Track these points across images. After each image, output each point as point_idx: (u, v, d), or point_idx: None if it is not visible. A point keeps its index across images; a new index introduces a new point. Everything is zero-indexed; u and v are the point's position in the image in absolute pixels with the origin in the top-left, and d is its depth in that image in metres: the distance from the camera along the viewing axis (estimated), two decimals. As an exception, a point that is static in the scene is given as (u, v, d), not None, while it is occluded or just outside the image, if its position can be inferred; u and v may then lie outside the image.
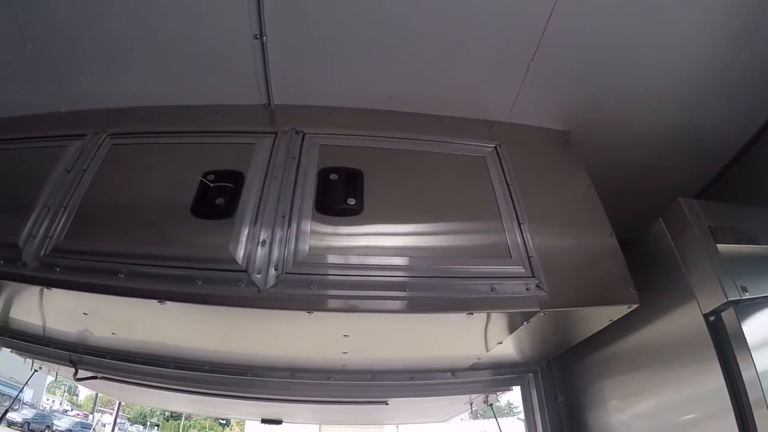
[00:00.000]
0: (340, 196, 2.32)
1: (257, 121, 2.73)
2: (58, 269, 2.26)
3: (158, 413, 43.73)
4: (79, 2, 2.59)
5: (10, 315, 3.35)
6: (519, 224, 2.39)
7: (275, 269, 2.10)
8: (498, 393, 3.47)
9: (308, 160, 2.47)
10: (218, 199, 2.28)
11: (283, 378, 2.98)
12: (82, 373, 3.29)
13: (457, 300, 2.13)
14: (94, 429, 34.46)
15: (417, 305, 2.10)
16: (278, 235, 2.19)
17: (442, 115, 2.84)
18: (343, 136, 2.63)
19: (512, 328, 2.36)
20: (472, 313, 2.11)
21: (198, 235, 2.21)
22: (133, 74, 2.83)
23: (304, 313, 2.05)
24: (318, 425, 27.49)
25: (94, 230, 2.36)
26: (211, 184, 2.32)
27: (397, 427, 21.24)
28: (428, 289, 2.13)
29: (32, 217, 2.46)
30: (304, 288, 2.07)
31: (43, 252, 2.34)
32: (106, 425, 34.97)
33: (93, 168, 2.59)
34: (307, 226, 2.21)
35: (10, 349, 3.65)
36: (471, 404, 3.68)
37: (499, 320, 2.28)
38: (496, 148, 2.71)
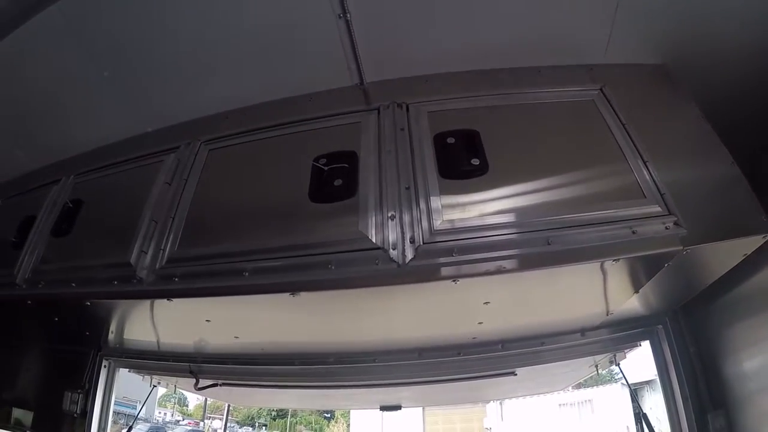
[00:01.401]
0: (462, 158, 2.19)
1: (353, 101, 2.63)
2: (176, 279, 2.23)
3: (265, 414, 44.94)
4: (146, 19, 2.60)
5: (125, 336, 3.40)
6: (644, 162, 2.24)
7: (411, 242, 2.00)
8: (626, 350, 3.33)
9: (419, 128, 2.36)
10: (336, 180, 2.20)
11: (411, 360, 2.88)
12: (202, 383, 3.30)
13: (601, 248, 1.98)
14: None
15: (561, 258, 1.97)
16: (406, 207, 2.09)
17: (540, 66, 2.71)
18: (448, 100, 2.50)
19: (651, 273, 2.20)
20: (617, 259, 1.99)
21: (323, 220, 2.13)
22: (217, 79, 2.80)
23: (449, 283, 1.94)
24: (422, 411, 28.08)
25: (208, 235, 2.33)
26: (325, 168, 2.25)
27: (501, 405, 21.24)
28: (570, 241, 2.01)
29: (140, 234, 2.47)
30: (445, 256, 1.96)
31: (158, 265, 2.33)
32: (217, 430, 36.15)
33: (194, 176, 2.56)
34: (436, 193, 2.10)
35: (128, 369, 3.71)
36: (596, 366, 3.54)
37: (638, 265, 2.13)
38: (601, 90, 2.57)
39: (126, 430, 3.72)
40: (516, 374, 3.10)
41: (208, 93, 2.86)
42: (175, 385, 3.89)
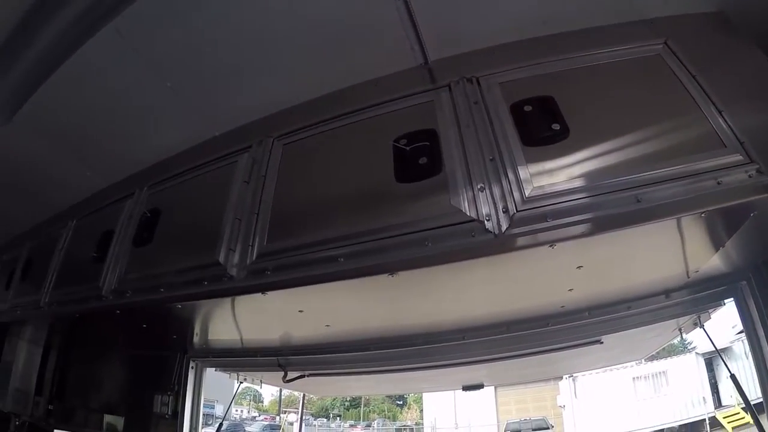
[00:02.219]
0: (542, 124, 2.17)
1: (419, 81, 2.63)
2: (269, 272, 2.28)
3: (339, 404, 45.73)
4: (203, 26, 2.65)
5: (210, 337, 3.49)
6: (719, 112, 2.19)
7: (504, 211, 2.00)
8: (710, 310, 3.27)
9: (493, 100, 2.34)
10: (420, 159, 2.22)
11: (500, 334, 2.88)
12: (290, 375, 3.36)
13: (689, 201, 1.94)
14: (282, 429, 36.34)
15: (652, 214, 1.93)
16: (494, 178, 2.08)
17: (603, 26, 2.66)
18: (516, 69, 2.46)
19: (735, 225, 2.16)
20: (705, 212, 1.95)
21: (413, 199, 2.14)
22: (281, 75, 2.84)
23: (546, 248, 1.93)
24: (494, 392, 28.10)
25: (295, 226, 2.36)
26: (407, 148, 2.26)
27: (573, 382, 21.04)
28: (659, 197, 1.97)
29: (226, 233, 2.52)
30: (540, 222, 1.95)
31: (248, 261, 2.38)
32: (293, 423, 36.89)
33: (272, 171, 2.61)
34: (521, 161, 2.09)
35: (215, 368, 3.81)
36: (680, 329, 3.48)
37: (723, 218, 2.08)
38: (665, 43, 2.52)
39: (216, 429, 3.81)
40: (602, 342, 3.08)
41: (274, 89, 2.90)
42: (261, 380, 3.99)
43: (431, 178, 2.15)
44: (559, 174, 2.06)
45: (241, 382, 3.90)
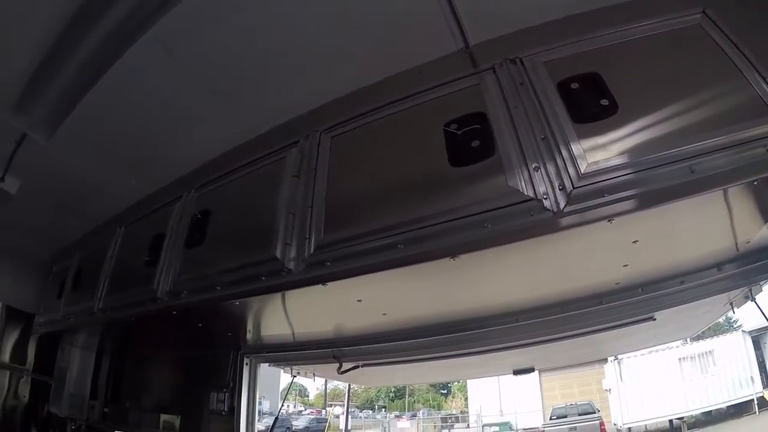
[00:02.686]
0: (590, 100, 2.16)
1: (461, 66, 2.63)
2: (328, 263, 2.32)
3: (383, 396, 46.04)
4: (242, 27, 2.68)
5: (263, 333, 3.55)
6: (763, 78, 2.16)
7: (560, 189, 2.00)
8: (761, 283, 3.22)
9: (539, 80, 2.33)
10: (473, 142, 2.24)
11: (553, 315, 2.86)
12: (344, 366, 3.41)
13: (741, 169, 1.93)
14: (328, 422, 36.69)
15: (707, 184, 1.92)
16: (548, 156, 2.08)
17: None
18: (558, 48, 2.44)
19: None
20: (757, 180, 1.92)
21: (469, 181, 2.15)
22: (323, 69, 2.86)
23: (604, 223, 1.93)
24: (539, 378, 27.87)
25: (351, 216, 2.39)
26: (459, 132, 2.28)
27: (619, 365, 20.74)
28: (711, 166, 1.95)
29: (280, 228, 2.57)
30: (597, 197, 1.95)
31: (306, 253, 2.42)
32: (339, 416, 37.17)
33: (323, 164, 2.65)
34: (574, 138, 2.08)
35: (269, 364, 3.87)
36: (731, 304, 3.43)
37: None
38: (704, 12, 2.49)
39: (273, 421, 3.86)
40: (654, 319, 3.05)
41: (317, 83, 2.93)
42: (313, 373, 4.04)
43: (485, 160, 2.17)
44: (612, 149, 2.06)
45: (294, 376, 3.95)
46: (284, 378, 4.12)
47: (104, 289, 3.99)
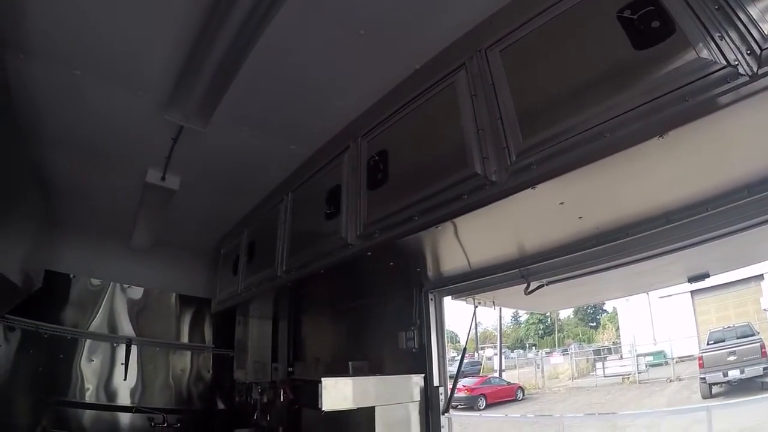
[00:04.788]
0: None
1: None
2: (534, 167, 2.31)
3: (533, 334, 46.48)
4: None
5: (445, 267, 3.65)
6: None
7: (748, 53, 1.85)
8: None
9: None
10: (652, 23, 2.19)
11: (739, 200, 2.56)
12: (531, 287, 3.44)
13: None
14: (482, 364, 37.56)
15: None
16: (727, 24, 1.93)
17: None
18: None
19: None
20: None
21: (658, 62, 2.02)
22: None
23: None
24: (691, 300, 26.88)
25: (547, 118, 2.37)
26: (634, 17, 2.24)
27: None
28: None
29: (473, 145, 2.62)
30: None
31: (509, 162, 2.43)
32: (491, 358, 37.71)
33: (498, 78, 2.62)
34: (748, 1, 2.01)
35: (451, 297, 4.02)
36: None
37: None
38: None
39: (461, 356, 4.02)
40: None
41: (472, 3, 2.88)
42: (493, 302, 4.11)
43: (668, 38, 2.09)
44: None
45: (476, 306, 4.06)
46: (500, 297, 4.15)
47: (284, 253, 4.30)
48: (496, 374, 33.80)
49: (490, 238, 3.17)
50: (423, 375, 3.90)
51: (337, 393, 3.28)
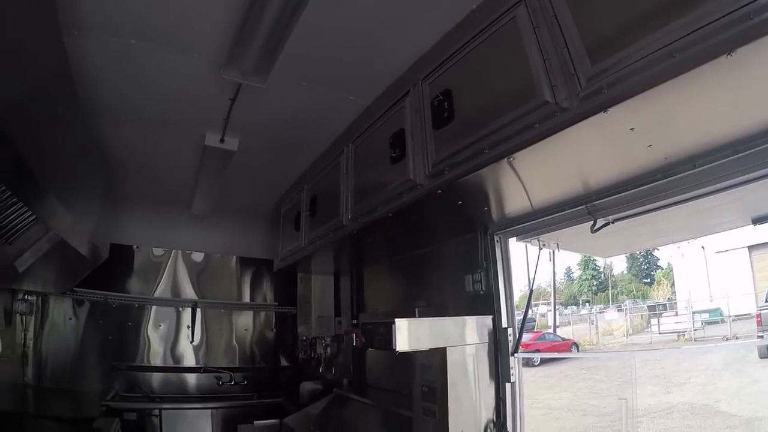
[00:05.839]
0: None
1: None
2: (605, 90, 2.25)
3: (586, 290, 46.52)
4: None
5: (510, 207, 3.66)
6: None
7: None
8: None
9: None
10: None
11: None
12: (597, 225, 3.37)
13: None
14: (536, 321, 37.77)
15: None
16: None
17: None
18: None
19: None
20: None
21: None
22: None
23: None
24: (748, 255, 26.29)
25: (613, 44, 2.26)
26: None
27: None
28: None
29: (540, 75, 2.56)
30: None
31: (579, 88, 2.37)
32: (545, 314, 37.88)
33: (561, 9, 2.46)
34: None
35: (516, 238, 4.04)
36: None
37: None
38: None
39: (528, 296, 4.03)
40: None
41: None
42: (556, 244, 4.10)
43: None
44: None
45: (540, 248, 4.05)
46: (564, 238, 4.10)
47: (349, 202, 4.38)
48: (551, 330, 33.76)
49: (555, 173, 3.13)
50: (491, 316, 3.95)
51: (410, 333, 3.35)
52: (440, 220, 4.15)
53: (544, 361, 24.81)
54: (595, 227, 3.40)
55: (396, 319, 3.27)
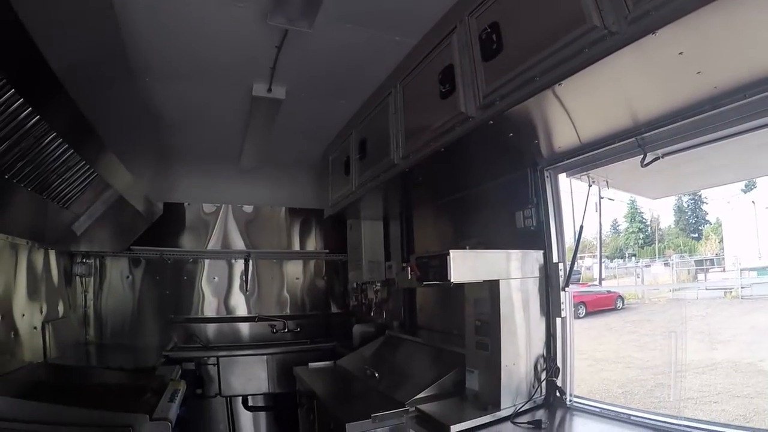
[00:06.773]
0: None
1: None
2: (652, 12, 2.24)
3: (632, 244, 46.36)
4: None
5: (560, 141, 3.64)
6: None
7: None
8: None
9: None
10: None
11: None
12: (647, 159, 3.32)
13: None
14: (581, 273, 37.98)
15: None
16: None
17: None
18: None
19: None
20: None
21: None
22: None
23: None
24: None
25: None
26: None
27: None
28: None
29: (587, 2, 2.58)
30: None
31: (627, 11, 2.36)
32: (590, 267, 37.99)
33: None
34: None
35: (566, 174, 4.05)
36: None
37: None
38: None
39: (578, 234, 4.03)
40: None
41: None
42: (606, 181, 4.03)
43: None
44: None
45: (590, 185, 3.99)
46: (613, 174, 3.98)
47: (399, 141, 4.45)
48: (596, 283, 33.37)
49: (604, 104, 3.10)
50: (542, 251, 4.01)
51: (464, 265, 3.45)
52: (491, 156, 4.17)
53: (588, 314, 24.72)
54: (645, 161, 3.36)
55: (450, 251, 3.37)
